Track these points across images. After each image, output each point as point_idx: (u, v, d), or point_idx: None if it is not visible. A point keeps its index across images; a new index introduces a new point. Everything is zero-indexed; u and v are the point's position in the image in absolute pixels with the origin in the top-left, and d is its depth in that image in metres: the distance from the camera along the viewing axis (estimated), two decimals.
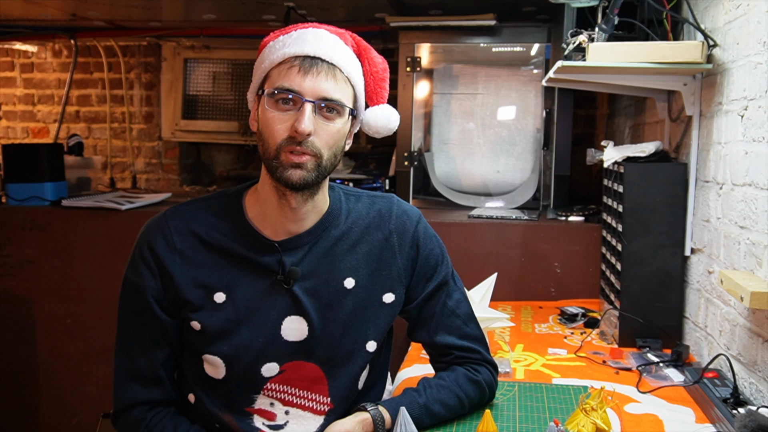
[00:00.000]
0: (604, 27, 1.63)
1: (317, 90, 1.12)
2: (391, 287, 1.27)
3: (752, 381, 1.37)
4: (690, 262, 1.77)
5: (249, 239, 1.21)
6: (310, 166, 1.13)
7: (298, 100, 1.11)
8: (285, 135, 1.12)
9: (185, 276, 1.19)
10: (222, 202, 1.25)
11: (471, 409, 1.31)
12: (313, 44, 1.14)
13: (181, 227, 1.21)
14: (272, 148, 1.13)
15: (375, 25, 3.04)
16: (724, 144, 1.55)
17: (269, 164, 1.14)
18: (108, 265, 2.56)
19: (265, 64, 1.16)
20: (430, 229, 1.34)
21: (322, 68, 1.13)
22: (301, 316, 1.22)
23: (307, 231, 1.23)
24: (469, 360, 1.32)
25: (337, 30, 1.21)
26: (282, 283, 1.21)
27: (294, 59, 1.13)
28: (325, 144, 1.14)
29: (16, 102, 4.14)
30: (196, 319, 1.19)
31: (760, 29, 1.35)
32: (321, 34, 1.17)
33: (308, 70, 1.12)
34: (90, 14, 3.15)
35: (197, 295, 1.19)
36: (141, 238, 1.23)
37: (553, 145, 2.65)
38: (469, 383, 1.29)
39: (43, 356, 2.65)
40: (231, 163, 3.95)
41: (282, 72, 1.13)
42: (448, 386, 1.27)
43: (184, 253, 1.20)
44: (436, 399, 1.25)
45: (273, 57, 1.15)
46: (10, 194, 2.70)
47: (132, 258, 1.23)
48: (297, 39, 1.15)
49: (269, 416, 1.24)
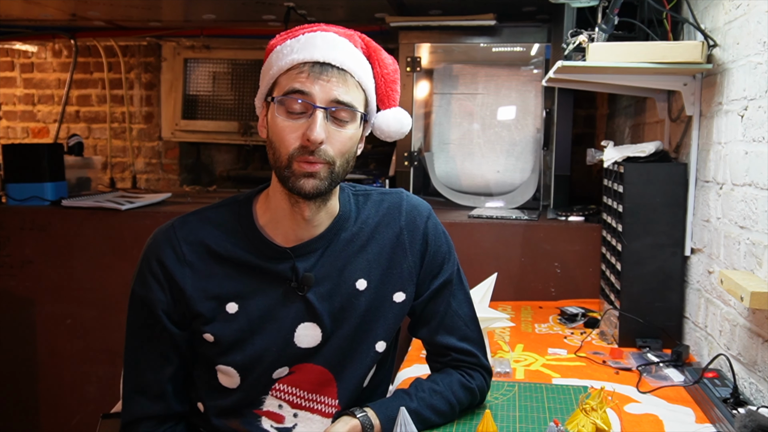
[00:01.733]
0: (604, 27, 1.63)
1: (328, 95, 1.09)
2: (402, 286, 1.25)
3: (752, 381, 1.37)
4: (690, 262, 1.77)
5: (260, 247, 1.18)
6: (323, 175, 1.10)
7: (308, 107, 1.09)
8: (297, 144, 1.09)
9: (196, 288, 1.16)
10: (231, 209, 1.22)
11: (461, 414, 1.30)
12: (323, 49, 1.11)
13: (191, 238, 1.18)
14: (284, 157, 1.10)
15: (375, 25, 3.04)
16: (724, 144, 1.55)
17: (281, 174, 1.12)
18: (108, 265, 2.56)
19: (274, 71, 1.13)
20: (439, 225, 1.31)
21: (333, 74, 1.10)
22: (314, 322, 1.20)
23: (318, 236, 1.20)
24: (465, 364, 1.30)
25: (346, 32, 1.18)
26: (296, 290, 1.19)
27: (303, 65, 1.10)
28: (337, 151, 1.11)
29: (16, 102, 4.14)
30: (209, 331, 1.17)
31: (760, 29, 1.35)
32: (330, 38, 1.13)
33: (318, 75, 1.09)
34: (90, 14, 3.15)
35: (209, 307, 1.17)
36: (148, 250, 1.19)
37: (553, 145, 2.65)
38: (462, 389, 1.28)
39: (43, 356, 2.65)
40: (231, 163, 3.95)
41: (291, 78, 1.10)
42: (441, 392, 1.26)
43: (195, 265, 1.17)
44: (428, 404, 1.24)
45: (281, 63, 1.12)
46: (10, 194, 2.70)
47: (139, 271, 1.19)
48: (305, 44, 1.12)
49: (277, 419, 1.22)
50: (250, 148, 3.82)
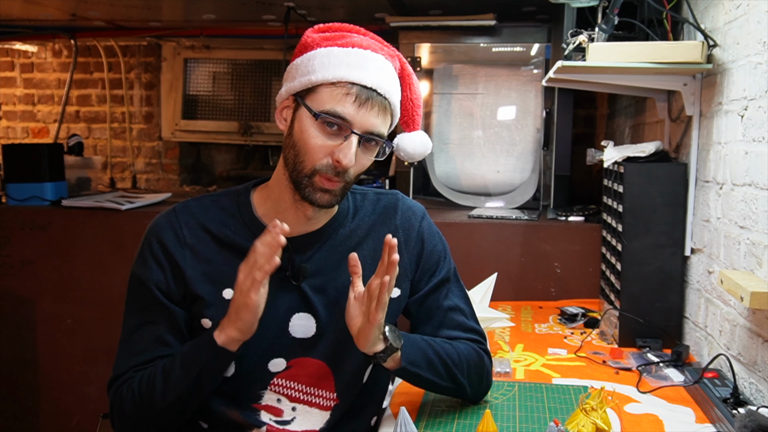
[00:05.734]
0: (604, 27, 1.63)
1: (367, 124, 1.11)
2: (397, 282, 1.26)
3: (752, 381, 1.37)
4: (690, 262, 1.77)
5: (258, 236, 1.19)
6: (338, 191, 1.15)
7: (346, 129, 1.11)
8: (325, 160, 1.12)
9: (196, 270, 1.19)
10: (230, 198, 1.25)
11: (470, 382, 1.28)
12: (372, 74, 1.11)
13: (191, 222, 1.21)
14: (308, 168, 1.13)
15: (375, 25, 3.04)
16: (724, 144, 1.55)
17: (299, 180, 1.14)
18: (108, 265, 2.56)
19: (317, 76, 1.12)
20: (433, 226, 1.35)
21: (377, 102, 1.12)
22: (309, 313, 1.22)
23: (316, 231, 1.24)
24: (474, 342, 1.32)
25: (389, 51, 1.19)
26: (291, 279, 1.21)
27: (351, 86, 1.10)
28: (357, 172, 1.16)
29: (16, 102, 4.13)
30: (207, 316, 1.19)
31: (760, 29, 1.35)
32: (380, 62, 1.14)
33: (364, 102, 1.10)
34: (90, 14, 3.15)
35: (207, 291, 1.19)
36: (149, 232, 1.23)
37: (553, 145, 2.65)
38: (469, 348, 1.28)
39: (43, 356, 2.64)
40: (231, 163, 3.95)
41: (336, 96, 1.10)
42: (451, 343, 1.26)
43: (194, 247, 1.20)
44: (440, 345, 1.24)
45: (327, 74, 1.11)
46: (10, 194, 2.70)
47: (140, 253, 1.22)
48: (356, 61, 1.12)
49: (276, 412, 1.24)
50: (250, 148, 3.82)
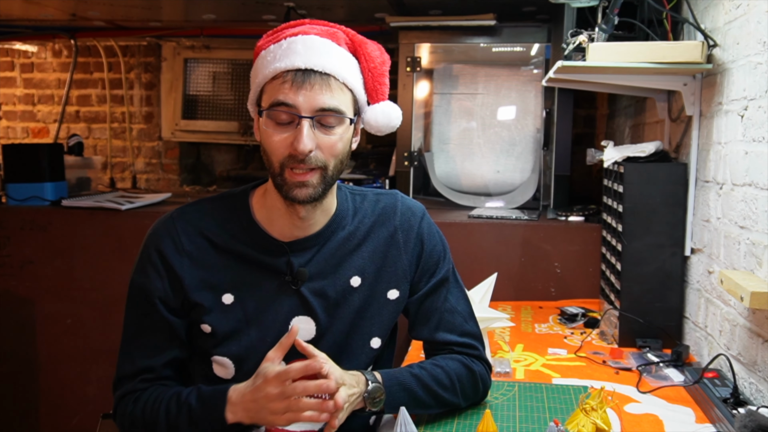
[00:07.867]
0: (604, 27, 1.63)
1: (312, 103, 1.09)
2: (396, 284, 1.27)
3: (752, 381, 1.37)
4: (690, 262, 1.77)
5: (257, 240, 1.21)
6: (315, 182, 1.13)
7: (294, 117, 1.10)
8: (286, 153, 1.11)
9: (194, 278, 1.19)
10: (228, 202, 1.25)
11: (465, 398, 1.29)
12: (303, 55, 1.11)
13: (189, 229, 1.21)
14: (275, 165, 1.13)
15: (375, 25, 3.04)
16: (724, 144, 1.55)
17: (275, 180, 1.15)
18: (108, 265, 2.55)
19: (259, 79, 1.15)
20: (433, 225, 1.34)
21: (315, 80, 1.10)
22: (308, 316, 1.22)
23: (315, 233, 1.23)
24: (466, 354, 1.32)
25: (329, 30, 1.17)
26: (290, 284, 1.21)
27: (285, 74, 1.10)
28: (329, 155, 1.13)
29: (16, 102, 4.13)
30: (206, 322, 1.19)
31: (760, 29, 1.35)
32: (311, 42, 1.13)
33: (301, 84, 1.09)
34: (90, 14, 3.15)
35: (206, 297, 1.19)
36: (148, 240, 1.23)
37: (553, 145, 2.65)
38: (462, 368, 1.28)
39: (43, 356, 2.64)
40: (231, 163, 3.95)
41: (275, 88, 1.11)
42: (442, 366, 1.26)
43: (193, 254, 1.20)
44: (430, 374, 1.24)
45: (266, 71, 1.13)
46: (10, 194, 2.70)
47: (139, 260, 1.22)
48: (287, 50, 1.12)
49: None
50: (250, 148, 3.82)
